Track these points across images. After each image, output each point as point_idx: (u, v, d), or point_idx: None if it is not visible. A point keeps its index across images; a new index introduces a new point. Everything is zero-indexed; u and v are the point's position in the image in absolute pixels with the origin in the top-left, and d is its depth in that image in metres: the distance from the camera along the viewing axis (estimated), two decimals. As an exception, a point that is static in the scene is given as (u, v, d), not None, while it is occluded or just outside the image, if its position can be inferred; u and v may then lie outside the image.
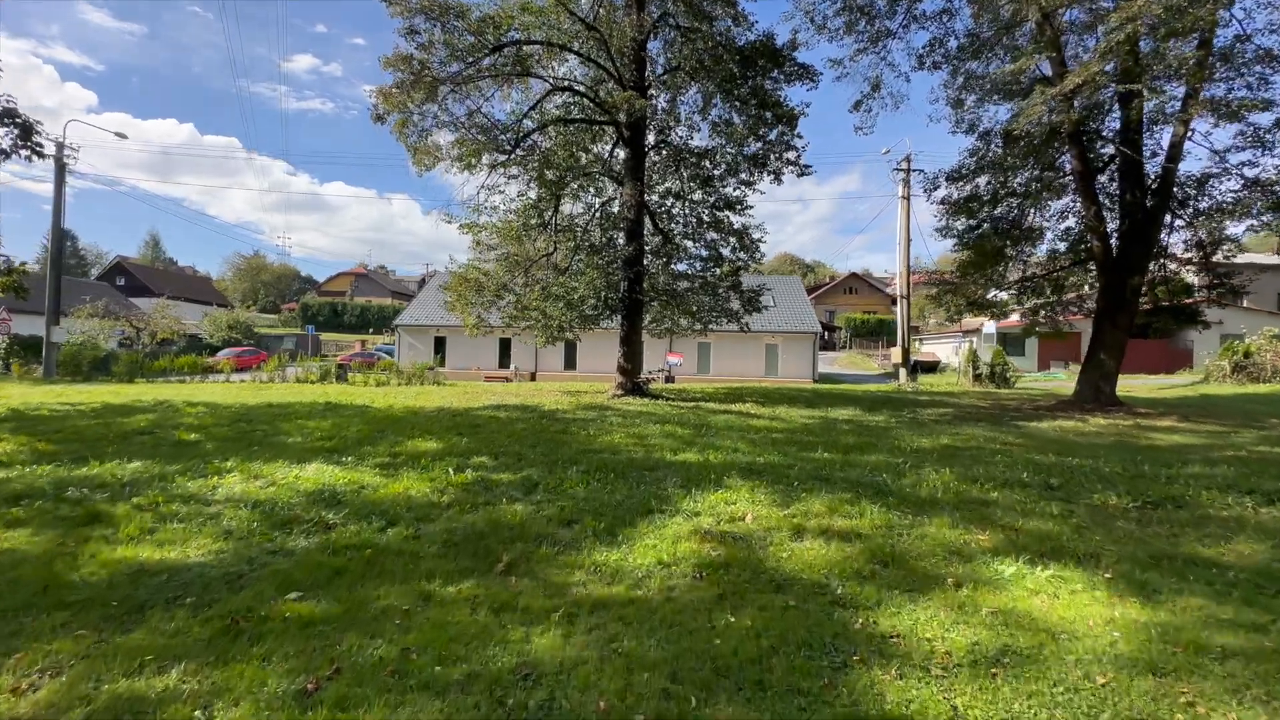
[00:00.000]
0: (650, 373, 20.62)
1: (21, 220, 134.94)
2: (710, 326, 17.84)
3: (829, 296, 68.58)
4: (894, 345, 47.83)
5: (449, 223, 16.83)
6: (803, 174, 15.73)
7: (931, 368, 38.53)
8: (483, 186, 16.55)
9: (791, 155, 15.54)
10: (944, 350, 43.70)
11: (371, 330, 64.03)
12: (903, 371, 25.51)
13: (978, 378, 23.96)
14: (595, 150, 17.52)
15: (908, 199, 25.36)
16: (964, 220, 17.45)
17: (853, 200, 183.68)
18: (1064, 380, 31.30)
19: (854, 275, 74.23)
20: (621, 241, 16.41)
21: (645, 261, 16.57)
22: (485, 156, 15.71)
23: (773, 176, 15.81)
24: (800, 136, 15.69)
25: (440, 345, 33.56)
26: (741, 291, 16.90)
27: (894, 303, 67.77)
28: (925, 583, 3.80)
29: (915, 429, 10.97)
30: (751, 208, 16.32)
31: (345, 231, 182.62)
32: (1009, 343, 33.57)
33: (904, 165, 25.30)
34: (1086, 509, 5.44)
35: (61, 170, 24.95)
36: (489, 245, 17.22)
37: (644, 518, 5.18)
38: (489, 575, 3.97)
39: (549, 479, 6.48)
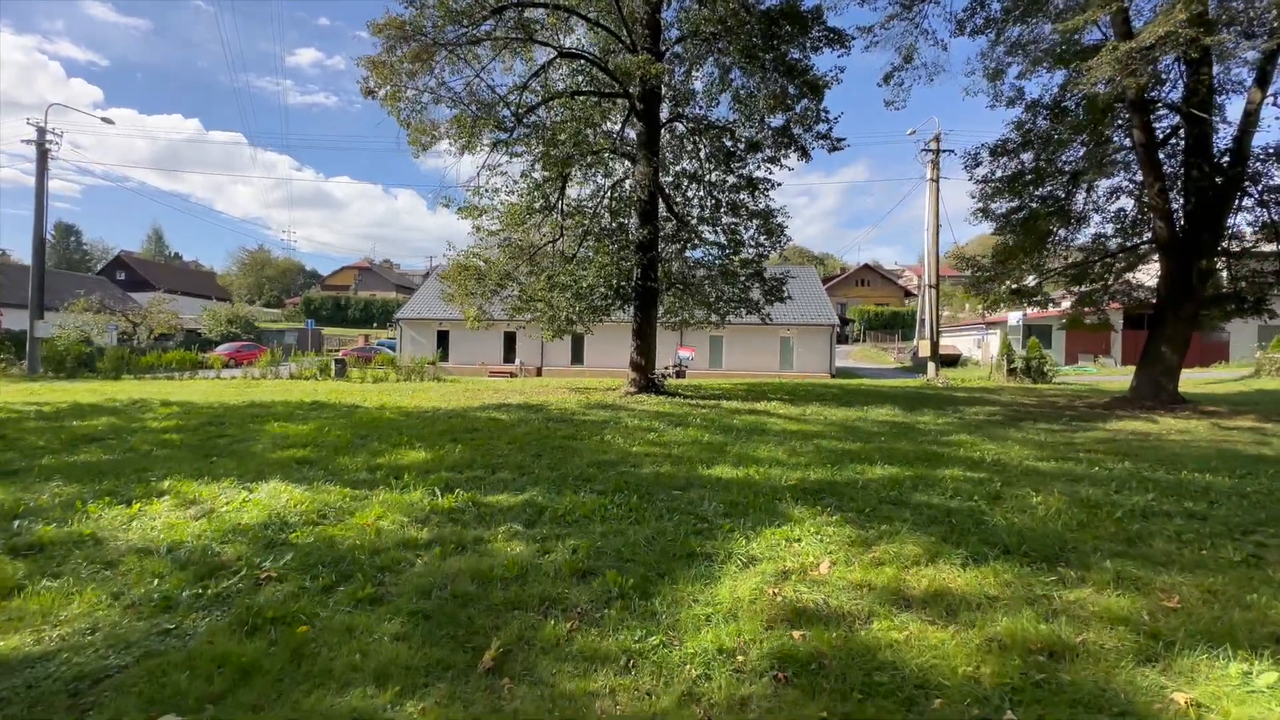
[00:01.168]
0: (665, 368, 19.32)
1: (29, 217, 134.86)
2: (727, 319, 16.51)
3: (840, 289, 67.07)
4: (910, 338, 46.34)
5: (446, 206, 15.54)
6: (834, 149, 14.27)
7: (952, 361, 37.02)
8: (483, 167, 15.24)
9: (822, 128, 14.08)
10: (964, 343, 42.12)
11: (375, 324, 63.14)
12: (932, 365, 24.02)
13: (1012, 371, 22.47)
14: (605, 127, 16.13)
15: (937, 181, 23.79)
16: (1005, 202, 16.02)
17: (859, 193, 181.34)
18: (1096, 374, 29.77)
19: (866, 267, 72.74)
20: (634, 225, 15.06)
21: (659, 248, 15.23)
22: (486, 134, 14.42)
23: (800, 153, 14.38)
24: (827, 110, 14.27)
25: (443, 339, 32.36)
26: (764, 280, 15.52)
27: (907, 295, 66.25)
28: (1136, 699, 2.48)
29: (973, 432, 9.63)
30: (780, 184, 14.90)
31: (351, 227, 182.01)
32: (1035, 335, 32.02)
33: (933, 145, 23.71)
34: (1276, 553, 4.09)
35: (44, 156, 23.80)
36: (490, 231, 15.93)
37: (685, 566, 3.88)
38: (470, 677, 2.68)
39: (557, 503, 5.19)
